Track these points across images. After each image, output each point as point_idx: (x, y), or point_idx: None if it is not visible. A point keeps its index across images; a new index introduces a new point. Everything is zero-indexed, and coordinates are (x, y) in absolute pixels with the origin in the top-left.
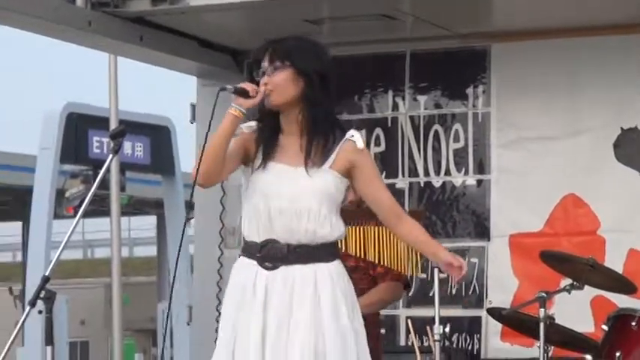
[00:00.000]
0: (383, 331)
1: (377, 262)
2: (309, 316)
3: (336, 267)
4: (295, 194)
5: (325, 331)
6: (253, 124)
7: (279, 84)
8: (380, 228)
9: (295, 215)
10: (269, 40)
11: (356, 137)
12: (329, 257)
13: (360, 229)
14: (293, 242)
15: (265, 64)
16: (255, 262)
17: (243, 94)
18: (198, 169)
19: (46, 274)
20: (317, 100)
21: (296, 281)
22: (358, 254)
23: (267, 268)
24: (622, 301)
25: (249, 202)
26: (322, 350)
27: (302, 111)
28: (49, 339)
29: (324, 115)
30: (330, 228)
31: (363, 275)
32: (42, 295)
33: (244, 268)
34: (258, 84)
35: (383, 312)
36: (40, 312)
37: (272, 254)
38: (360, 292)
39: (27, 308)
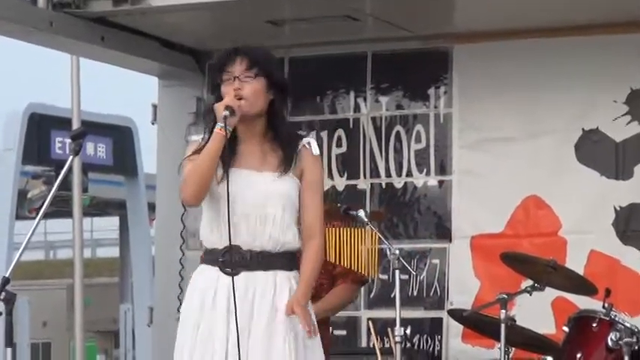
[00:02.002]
0: (344, 332)
1: (337, 262)
2: (265, 324)
3: (295, 276)
4: (260, 199)
5: (277, 338)
6: (200, 136)
7: (253, 94)
8: (340, 230)
9: (259, 220)
10: (237, 47)
11: (312, 144)
12: (289, 266)
13: None
14: (256, 249)
15: (237, 69)
16: (216, 268)
17: (232, 113)
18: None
19: (7, 275)
20: (280, 110)
21: (257, 288)
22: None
23: (228, 274)
24: (583, 302)
25: (212, 209)
26: (276, 356)
27: (267, 120)
28: (9, 341)
29: (286, 125)
30: (292, 235)
31: (323, 270)
32: (2, 297)
33: (204, 274)
34: (219, 87)
35: (344, 313)
36: None
37: (233, 260)
38: (319, 286)
39: None
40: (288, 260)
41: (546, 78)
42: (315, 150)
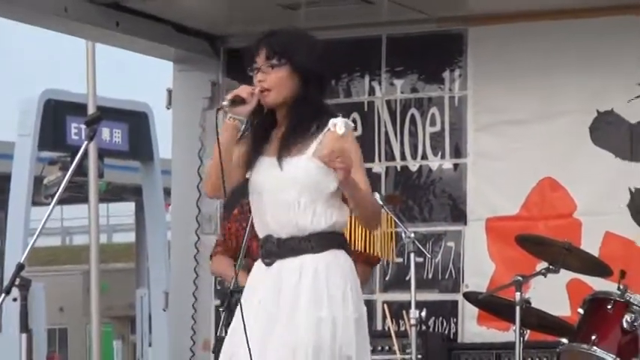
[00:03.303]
0: None
1: (353, 247)
2: (288, 308)
3: (324, 257)
4: (278, 185)
5: (299, 323)
6: None
7: (276, 83)
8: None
9: (280, 207)
10: (264, 33)
11: (338, 125)
12: (319, 248)
13: None
14: (283, 235)
15: (260, 59)
16: (260, 260)
17: (239, 102)
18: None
19: (21, 261)
20: (310, 98)
21: (284, 274)
22: None
23: (267, 264)
24: (598, 284)
25: (250, 200)
26: (293, 343)
27: (293, 106)
28: (24, 326)
29: (313, 110)
30: (311, 217)
31: None
32: (17, 283)
33: (255, 267)
34: (252, 79)
35: None
36: (14, 299)
37: (268, 250)
38: None
39: (2, 296)
40: (316, 243)
41: (561, 60)
42: (340, 129)
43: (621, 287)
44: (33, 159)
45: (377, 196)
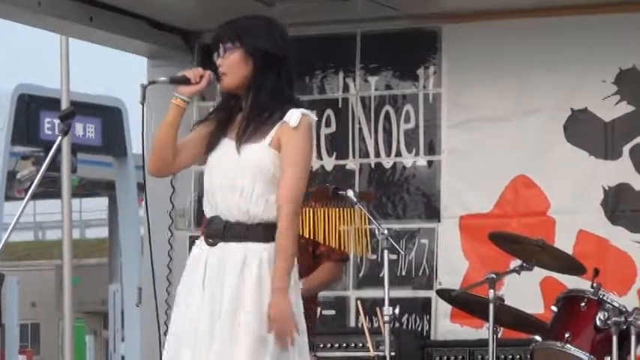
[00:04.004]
0: (332, 311)
1: (326, 243)
2: (232, 296)
3: (269, 249)
4: (232, 170)
5: (244, 311)
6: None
7: (230, 66)
8: (329, 210)
9: (230, 191)
10: (224, 22)
11: (294, 116)
12: (264, 238)
13: (309, 210)
14: (231, 219)
15: (219, 45)
16: (202, 239)
17: (183, 81)
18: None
19: None
20: (264, 80)
21: (227, 259)
22: (308, 235)
23: (209, 244)
24: (571, 282)
25: (204, 179)
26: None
27: (251, 91)
28: None
29: (269, 94)
30: (263, 207)
31: (304, 252)
32: None
33: (197, 245)
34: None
35: (332, 293)
36: None
37: (213, 231)
38: (303, 268)
39: None
40: (262, 232)
41: (535, 58)
42: (294, 121)
43: (595, 285)
44: (6, 153)
45: (350, 192)
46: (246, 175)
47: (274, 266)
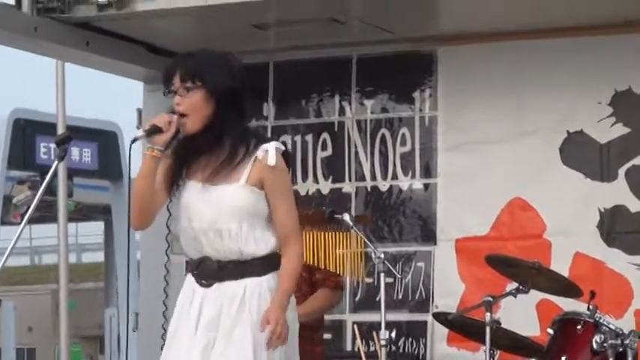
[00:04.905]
0: (329, 336)
1: (323, 267)
2: (229, 327)
3: (267, 281)
4: (213, 215)
5: (246, 341)
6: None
7: (192, 107)
8: (325, 233)
9: (217, 235)
10: (179, 55)
11: (270, 153)
12: (261, 271)
13: (305, 234)
14: (223, 259)
15: (176, 82)
16: (193, 279)
17: (156, 132)
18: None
19: None
20: (226, 118)
21: (226, 298)
22: (304, 260)
23: (202, 285)
24: (567, 304)
25: (179, 222)
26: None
27: (213, 130)
28: None
29: (235, 131)
30: (254, 244)
31: (301, 278)
32: None
33: (187, 285)
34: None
35: (329, 317)
36: None
37: (206, 272)
38: (300, 294)
39: None
40: (258, 266)
41: (531, 80)
42: (271, 160)
43: (591, 308)
44: (2, 178)
45: (347, 216)
46: (231, 218)
47: (272, 301)
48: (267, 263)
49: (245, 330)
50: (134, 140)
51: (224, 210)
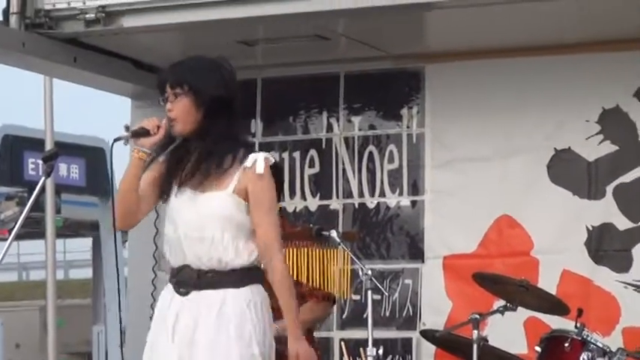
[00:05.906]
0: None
1: (310, 283)
2: (208, 341)
3: (245, 293)
4: (198, 221)
5: (231, 355)
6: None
7: (181, 112)
8: (313, 250)
9: (200, 242)
10: (172, 63)
11: (258, 162)
12: (240, 283)
13: (292, 250)
14: (203, 268)
15: (168, 89)
16: (172, 288)
17: (143, 134)
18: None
19: None
20: (215, 124)
21: (202, 307)
22: (292, 276)
23: (180, 294)
24: (555, 322)
25: (165, 229)
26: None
27: (202, 136)
28: None
29: (221, 138)
30: (234, 254)
31: None
32: None
33: (165, 293)
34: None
35: (316, 334)
36: None
37: (185, 280)
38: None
39: None
40: (238, 278)
41: (518, 97)
42: (259, 168)
43: (578, 325)
44: None
45: (334, 233)
46: (215, 225)
47: (286, 322)
48: (247, 275)
49: (228, 341)
50: (117, 139)
51: (208, 217)
